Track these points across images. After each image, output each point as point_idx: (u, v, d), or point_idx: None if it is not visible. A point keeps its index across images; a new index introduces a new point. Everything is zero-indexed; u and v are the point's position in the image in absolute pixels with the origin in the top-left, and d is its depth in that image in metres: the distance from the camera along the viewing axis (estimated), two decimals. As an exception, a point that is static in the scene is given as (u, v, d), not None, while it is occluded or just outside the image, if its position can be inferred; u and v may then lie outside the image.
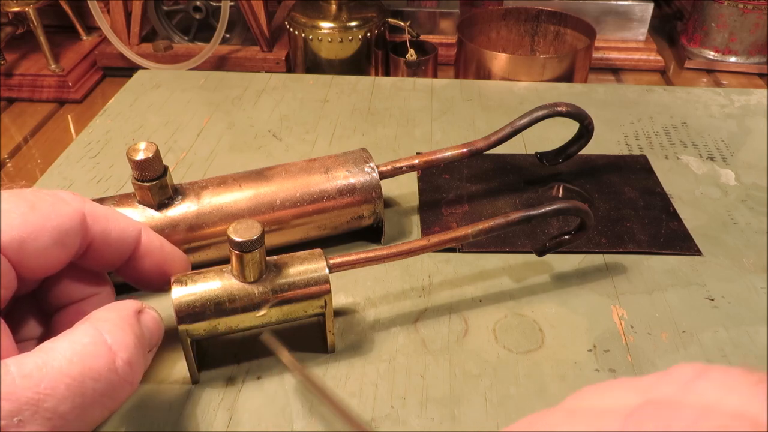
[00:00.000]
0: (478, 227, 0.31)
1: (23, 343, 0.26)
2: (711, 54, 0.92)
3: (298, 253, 0.30)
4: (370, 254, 0.30)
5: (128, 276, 0.29)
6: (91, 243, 0.26)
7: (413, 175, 0.44)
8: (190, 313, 0.27)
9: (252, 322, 0.28)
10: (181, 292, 0.27)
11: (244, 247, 0.27)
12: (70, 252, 0.25)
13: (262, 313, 0.28)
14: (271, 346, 0.27)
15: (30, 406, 0.19)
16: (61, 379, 0.20)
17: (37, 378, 0.20)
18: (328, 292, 0.29)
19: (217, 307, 0.28)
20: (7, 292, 0.23)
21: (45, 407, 0.20)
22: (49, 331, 0.27)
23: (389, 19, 0.86)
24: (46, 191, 0.25)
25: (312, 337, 0.32)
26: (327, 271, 0.29)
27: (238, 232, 0.27)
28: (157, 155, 0.32)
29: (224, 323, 0.28)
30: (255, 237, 0.26)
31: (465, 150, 0.39)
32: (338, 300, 0.34)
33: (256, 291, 0.28)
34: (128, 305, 0.25)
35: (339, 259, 0.30)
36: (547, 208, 0.31)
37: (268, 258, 0.29)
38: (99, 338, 0.22)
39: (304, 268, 0.29)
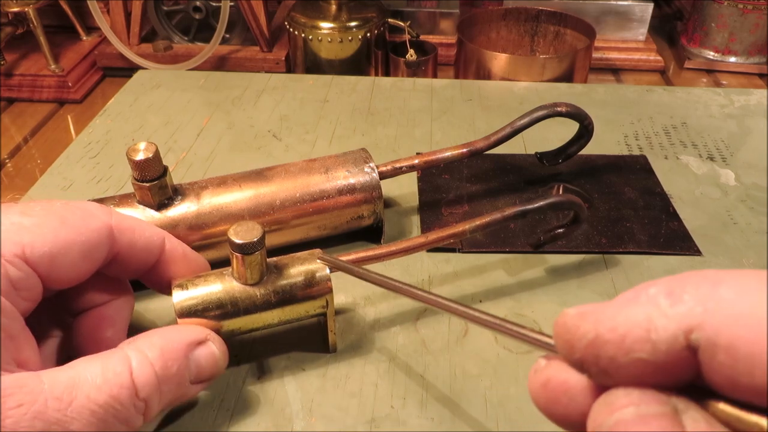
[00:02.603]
0: (475, 223, 0.31)
1: (44, 342, 0.27)
2: (711, 54, 0.92)
3: (299, 254, 0.30)
4: (370, 254, 0.30)
5: (149, 281, 0.29)
6: (117, 254, 0.26)
7: (413, 175, 0.44)
8: (192, 317, 0.27)
9: (255, 324, 0.28)
10: (183, 296, 0.27)
11: (245, 249, 0.27)
12: (97, 264, 0.26)
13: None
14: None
15: (58, 427, 0.20)
16: (88, 405, 0.21)
17: (66, 401, 0.21)
18: (330, 291, 0.29)
19: (220, 310, 0.28)
20: (31, 304, 0.24)
21: (70, 430, 0.21)
22: (69, 332, 0.28)
23: (389, 19, 0.86)
24: (75, 204, 0.26)
25: (312, 337, 0.32)
26: (328, 271, 0.29)
27: (239, 234, 0.27)
28: (156, 155, 0.32)
29: (227, 326, 0.28)
30: (256, 239, 0.26)
31: (465, 150, 0.39)
32: (338, 300, 0.34)
33: (258, 293, 0.28)
34: (186, 335, 0.25)
35: (339, 260, 0.30)
36: (541, 203, 0.31)
37: (268, 259, 0.29)
38: (127, 369, 0.23)
39: (305, 268, 0.29)
